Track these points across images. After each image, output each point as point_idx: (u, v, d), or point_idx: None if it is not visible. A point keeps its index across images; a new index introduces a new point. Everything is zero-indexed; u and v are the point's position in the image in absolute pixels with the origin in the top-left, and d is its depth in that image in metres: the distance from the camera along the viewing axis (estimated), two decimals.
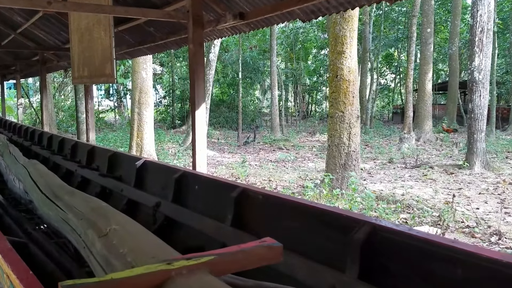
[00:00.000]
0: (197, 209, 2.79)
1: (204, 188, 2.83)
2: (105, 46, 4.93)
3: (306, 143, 17.09)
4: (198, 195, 2.87)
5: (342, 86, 7.19)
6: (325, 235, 1.79)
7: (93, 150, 5.13)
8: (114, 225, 1.65)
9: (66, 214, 2.10)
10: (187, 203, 2.97)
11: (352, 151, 7.31)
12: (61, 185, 2.67)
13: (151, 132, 10.80)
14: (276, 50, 20.33)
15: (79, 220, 1.91)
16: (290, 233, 2.01)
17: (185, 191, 3.05)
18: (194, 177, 2.99)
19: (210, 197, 2.76)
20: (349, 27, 7.18)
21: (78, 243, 1.86)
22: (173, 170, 3.26)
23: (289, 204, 2.12)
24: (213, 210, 2.64)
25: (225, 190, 2.52)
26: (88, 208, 1.99)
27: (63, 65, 11.05)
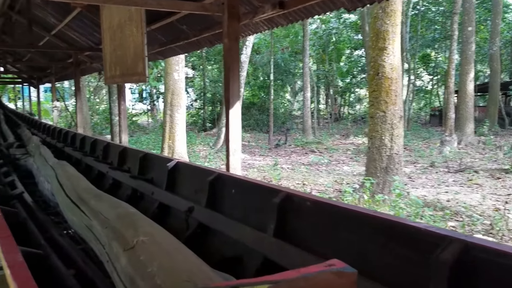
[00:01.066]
0: (233, 215, 2.50)
1: (241, 192, 2.54)
2: (137, 43, 4.74)
3: (340, 146, 16.59)
4: (235, 200, 2.58)
5: (384, 84, 6.77)
6: (397, 253, 1.45)
7: (124, 151, 4.95)
8: (142, 236, 1.38)
9: (90, 221, 1.86)
10: (222, 209, 2.69)
11: (394, 154, 6.86)
12: (88, 188, 2.44)
13: (182, 134, 10.65)
14: (308, 51, 19.92)
15: (104, 229, 1.66)
16: (348, 248, 1.69)
17: (220, 195, 2.77)
18: (231, 180, 2.70)
19: (248, 202, 2.46)
20: (392, 22, 6.76)
21: (102, 255, 1.61)
22: (207, 172, 2.99)
23: (345, 213, 1.80)
24: (253, 217, 2.35)
25: (266, 195, 2.22)
26: (115, 214, 1.73)
27: (96, 67, 11.09)
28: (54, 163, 4.07)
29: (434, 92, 32.15)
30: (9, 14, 9.78)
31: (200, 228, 2.75)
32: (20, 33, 11.10)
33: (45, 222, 3.32)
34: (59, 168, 3.44)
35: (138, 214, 1.82)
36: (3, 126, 12.76)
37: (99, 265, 2.35)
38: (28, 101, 20.38)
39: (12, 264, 1.36)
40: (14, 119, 15.01)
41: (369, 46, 7.15)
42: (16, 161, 7.29)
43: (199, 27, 5.49)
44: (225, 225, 2.49)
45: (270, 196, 2.17)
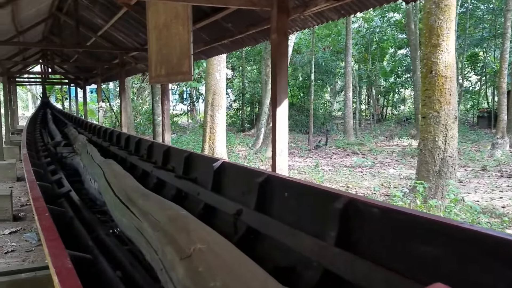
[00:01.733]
0: (286, 220, 2.32)
1: (295, 195, 2.36)
2: (183, 42, 4.67)
3: (384, 148, 16.06)
4: (288, 203, 2.40)
5: (438, 83, 6.40)
6: (501, 274, 1.23)
7: (168, 150, 4.89)
8: (199, 244, 1.23)
9: (141, 223, 1.75)
10: (273, 212, 2.52)
11: (448, 157, 6.47)
12: (135, 186, 2.34)
13: (223, 134, 10.60)
14: (351, 50, 19.45)
15: (155, 232, 1.53)
16: (429, 265, 1.48)
17: (271, 198, 2.60)
18: (282, 182, 2.52)
19: (304, 207, 2.27)
20: (446, 18, 6.38)
21: (154, 261, 1.48)
22: (256, 173, 2.83)
23: (421, 222, 1.58)
24: (308, 223, 2.16)
25: (324, 199, 2.03)
26: (165, 216, 1.60)
27: (140, 68, 11.24)
28: (101, 161, 4.05)
29: (482, 93, 30.68)
30: (57, 15, 10.08)
31: (250, 233, 2.60)
32: (67, 34, 11.42)
33: (92, 221, 3.28)
34: (106, 167, 3.38)
35: (189, 216, 1.68)
36: (51, 125, 13.23)
37: (147, 268, 2.25)
38: (75, 102, 21.10)
39: (60, 270, 1.26)
40: (61, 118, 15.57)
41: (422, 43, 6.78)
42: (62, 159, 7.46)
43: (244, 25, 5.36)
44: (277, 231, 2.31)
45: (330, 201, 1.98)
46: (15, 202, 6.94)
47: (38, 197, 2.35)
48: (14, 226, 5.88)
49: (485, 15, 26.17)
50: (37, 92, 35.98)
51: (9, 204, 6.13)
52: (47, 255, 1.46)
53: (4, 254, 4.96)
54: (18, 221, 6.21)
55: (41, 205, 2.16)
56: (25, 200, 7.32)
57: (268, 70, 21.15)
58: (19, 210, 6.70)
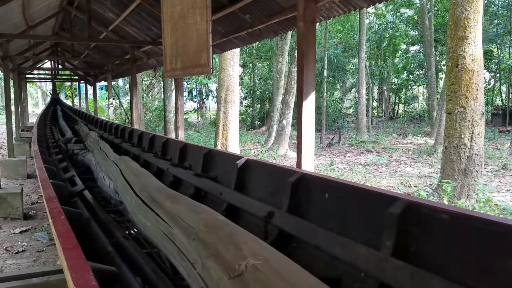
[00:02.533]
0: (327, 225, 2.07)
1: (339, 197, 2.10)
2: (201, 32, 4.43)
3: (398, 146, 15.72)
4: (329, 206, 2.15)
5: (464, 77, 6.10)
6: None
7: (185, 147, 4.66)
8: (251, 258, 0.99)
9: (170, 228, 1.51)
10: (310, 216, 2.27)
11: (474, 154, 6.18)
12: (160, 186, 2.11)
13: (236, 131, 10.36)
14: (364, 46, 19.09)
15: (191, 241, 1.30)
16: None
17: (306, 200, 2.36)
18: (322, 182, 2.27)
19: (348, 210, 2.02)
20: (473, 9, 6.07)
21: (191, 277, 1.24)
22: (287, 172, 2.59)
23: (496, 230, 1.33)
24: (356, 229, 1.91)
25: (377, 203, 1.78)
26: (200, 222, 1.37)
27: (152, 64, 11.04)
28: (116, 158, 3.83)
29: (496, 90, 30.10)
30: (68, 9, 9.90)
31: (282, 237, 2.36)
32: (78, 30, 11.26)
33: (108, 222, 3.06)
34: (123, 164, 3.16)
35: (229, 223, 1.45)
36: (61, 122, 13.08)
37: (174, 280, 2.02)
38: (85, 99, 21.00)
39: None
40: (71, 115, 15.43)
41: (448, 36, 6.47)
42: (74, 156, 7.27)
43: (264, 15, 5.10)
44: (317, 236, 2.07)
45: (384, 205, 1.73)
46: (26, 200, 6.78)
47: (51, 197, 2.14)
48: (25, 225, 5.71)
49: (499, 10, 25.62)
50: (47, 89, 36.06)
51: (19, 202, 5.97)
52: (65, 268, 1.23)
53: (15, 255, 4.79)
54: (29, 219, 6.05)
55: (55, 206, 1.93)
56: (36, 198, 7.16)
57: (279, 67, 20.86)
58: (30, 208, 6.54)
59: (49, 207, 1.92)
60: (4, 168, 8.30)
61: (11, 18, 7.88)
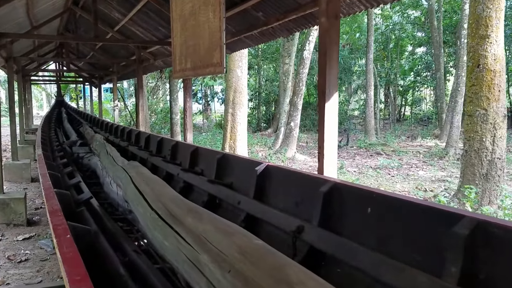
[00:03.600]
0: (370, 243, 1.82)
1: (387, 213, 1.83)
2: (214, 30, 4.20)
3: (408, 148, 15.43)
4: (371, 222, 1.89)
5: (486, 78, 5.84)
6: None
7: (196, 151, 4.42)
8: None
9: (196, 253, 1.27)
10: (345, 232, 2.00)
11: (496, 158, 5.91)
12: (176, 198, 1.87)
13: (244, 133, 10.13)
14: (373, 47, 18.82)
15: (224, 273, 1.05)
16: None
17: (340, 213, 2.09)
18: (360, 194, 2.00)
19: (397, 228, 1.75)
20: (495, 6, 5.82)
21: None
22: (317, 180, 2.33)
23: None
24: (405, 250, 1.65)
25: (435, 220, 1.53)
26: (234, 247, 1.13)
27: (158, 65, 10.83)
28: (125, 163, 3.60)
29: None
30: (73, 9, 9.71)
31: (314, 255, 2.10)
32: (83, 30, 11.07)
33: (116, 234, 2.82)
34: (132, 170, 2.92)
35: (273, 251, 1.20)
36: (66, 124, 12.89)
37: None
38: (90, 101, 20.82)
39: None
40: (76, 117, 15.24)
41: (468, 35, 6.22)
42: (79, 160, 7.05)
43: (279, 12, 4.86)
44: (357, 256, 1.80)
45: (447, 223, 1.47)
46: (29, 205, 6.56)
47: (56, 210, 1.90)
48: (28, 232, 5.49)
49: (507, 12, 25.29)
50: (52, 91, 35.98)
51: (23, 208, 5.75)
52: None
53: (18, 264, 4.56)
54: (33, 225, 5.83)
55: (60, 222, 1.69)
56: (40, 203, 6.95)
57: (286, 68, 20.63)
58: (33, 213, 6.32)
59: (53, 223, 1.68)
60: (8, 172, 8.10)
61: (15, 18, 7.68)
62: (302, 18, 4.84)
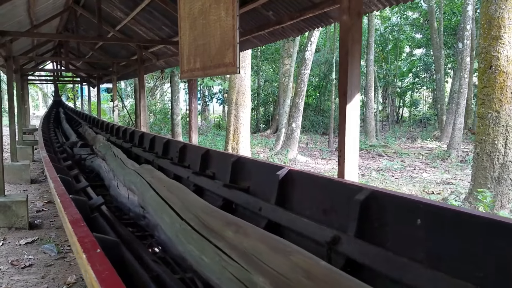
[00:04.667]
0: (420, 258, 1.69)
1: (433, 224, 1.70)
2: (226, 29, 4.06)
3: (409, 150, 15.36)
4: (419, 235, 1.75)
5: (498, 80, 5.74)
6: None
7: (207, 154, 4.29)
8: None
9: (248, 274, 1.13)
10: (392, 245, 1.85)
11: (508, 162, 5.81)
12: (207, 207, 1.73)
13: (247, 135, 9.99)
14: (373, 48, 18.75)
15: None
16: None
17: (382, 224, 1.94)
18: (405, 204, 1.86)
19: (452, 243, 1.63)
20: (508, 7, 5.73)
21: None
22: (352, 188, 2.19)
23: None
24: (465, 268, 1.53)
25: (502, 235, 1.41)
26: (297, 270, 0.99)
27: (160, 65, 10.67)
28: (136, 167, 3.46)
29: None
30: (74, 8, 9.54)
31: (350, 267, 1.97)
32: (83, 30, 10.89)
33: (132, 241, 2.68)
34: (147, 174, 2.78)
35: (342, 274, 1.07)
36: (64, 124, 12.69)
37: None
38: (88, 101, 20.60)
39: None
40: (74, 117, 15.04)
41: (480, 35, 6.12)
42: (82, 161, 6.89)
43: (290, 11, 4.73)
44: (408, 272, 1.67)
45: (507, 237, 1.36)
46: (31, 208, 6.39)
47: (77, 220, 1.75)
48: (31, 236, 5.32)
49: None
50: (48, 91, 35.67)
51: (25, 211, 5.58)
52: None
53: (21, 270, 4.40)
54: (35, 229, 5.66)
55: (85, 234, 1.55)
56: (41, 205, 6.78)
57: (286, 69, 20.51)
58: (35, 216, 6.15)
59: (78, 235, 1.54)
60: (7, 173, 7.90)
61: (16, 16, 7.51)
62: (315, 17, 4.72)
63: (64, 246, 4.97)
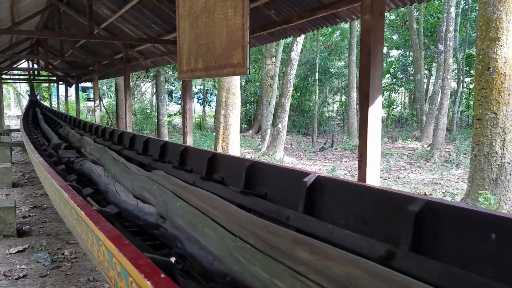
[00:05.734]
0: (486, 273, 1.59)
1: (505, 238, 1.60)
2: (234, 28, 3.91)
3: (392, 150, 15.52)
4: (487, 248, 1.65)
5: (496, 81, 5.79)
6: None
7: (214, 157, 4.13)
8: None
9: None
10: (460, 261, 1.71)
11: (506, 163, 5.86)
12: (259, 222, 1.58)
13: (237, 136, 9.84)
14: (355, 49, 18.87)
15: None
16: None
17: (441, 238, 1.81)
18: (471, 218, 1.73)
19: None
20: (505, 9, 5.78)
21: None
22: (400, 197, 2.07)
23: None
24: None
25: None
26: None
27: (146, 65, 10.38)
28: (147, 173, 3.27)
29: None
30: (57, 5, 9.16)
31: None
32: (65, 28, 10.49)
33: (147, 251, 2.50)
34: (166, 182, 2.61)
35: None
36: (43, 125, 12.19)
37: None
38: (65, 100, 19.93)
39: None
40: (53, 118, 14.49)
41: (477, 37, 6.16)
42: (70, 165, 6.58)
43: (292, 11, 4.61)
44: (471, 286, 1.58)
45: None
46: (17, 214, 6.06)
47: (118, 237, 1.58)
48: (21, 244, 5.02)
49: None
50: (22, 90, 34.47)
51: (13, 218, 5.27)
52: None
53: (16, 281, 4.12)
54: (24, 236, 5.35)
55: (136, 255, 1.39)
56: (27, 211, 6.44)
57: (268, 69, 20.43)
58: (22, 223, 5.82)
59: (129, 256, 1.37)
60: None
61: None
62: (321, 17, 4.62)
63: (58, 254, 4.71)
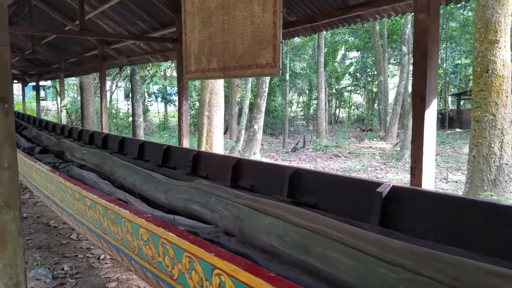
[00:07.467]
0: None
1: None
2: (262, 26, 3.65)
3: (362, 150, 15.75)
4: None
5: (494, 83, 5.91)
6: None
7: (239, 164, 3.85)
8: None
9: None
10: None
11: (504, 164, 6.00)
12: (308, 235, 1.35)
13: (220, 137, 9.53)
14: (323, 50, 19.03)
15: None
16: None
17: None
18: None
19: None
20: (504, 12, 5.91)
21: None
22: (499, 208, 1.95)
23: None
24: None
25: None
26: None
27: (120, 62, 9.83)
28: (188, 183, 2.96)
29: None
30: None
31: None
32: (34, 22, 9.73)
33: None
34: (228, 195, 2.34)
35: None
36: None
37: None
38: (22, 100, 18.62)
39: None
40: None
41: (476, 39, 6.26)
42: None
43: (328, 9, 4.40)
44: None
45: None
46: None
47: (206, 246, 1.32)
48: None
49: None
50: None
51: None
52: None
53: None
54: None
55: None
56: None
57: None
58: None
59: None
60: None
61: None
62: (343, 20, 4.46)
63: (57, 269, 4.27)
